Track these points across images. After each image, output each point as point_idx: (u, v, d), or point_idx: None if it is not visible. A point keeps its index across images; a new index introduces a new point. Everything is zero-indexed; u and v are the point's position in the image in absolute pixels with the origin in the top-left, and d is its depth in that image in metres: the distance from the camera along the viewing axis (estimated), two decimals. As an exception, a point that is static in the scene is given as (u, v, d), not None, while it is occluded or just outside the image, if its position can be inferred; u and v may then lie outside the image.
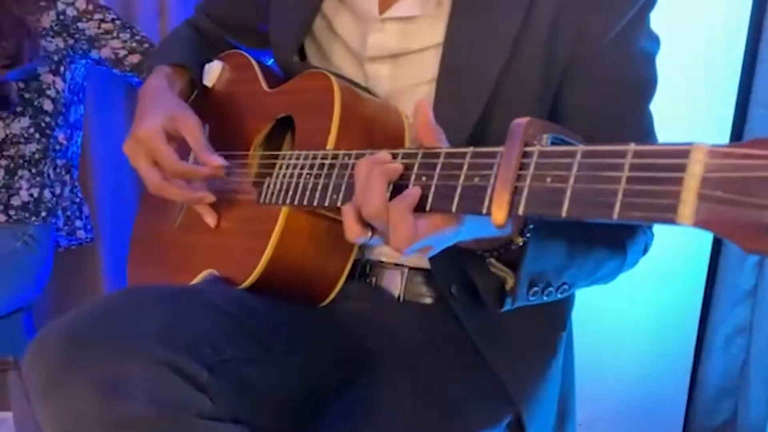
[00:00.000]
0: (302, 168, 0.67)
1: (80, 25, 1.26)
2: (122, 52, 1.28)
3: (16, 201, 1.22)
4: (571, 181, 0.40)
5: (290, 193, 0.67)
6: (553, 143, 0.45)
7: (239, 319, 0.64)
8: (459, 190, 0.48)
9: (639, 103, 0.72)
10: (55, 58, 1.25)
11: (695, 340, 1.45)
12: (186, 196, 0.76)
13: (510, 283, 0.63)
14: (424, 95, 0.71)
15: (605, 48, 0.68)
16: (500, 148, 0.46)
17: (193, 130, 0.74)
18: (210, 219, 0.79)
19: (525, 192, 0.43)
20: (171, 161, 0.73)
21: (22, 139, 1.24)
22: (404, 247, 0.50)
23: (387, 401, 0.69)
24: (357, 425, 0.66)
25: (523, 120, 0.45)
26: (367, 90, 0.76)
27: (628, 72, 0.70)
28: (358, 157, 0.59)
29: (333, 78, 0.71)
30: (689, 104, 1.33)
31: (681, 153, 0.36)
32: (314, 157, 0.66)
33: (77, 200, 1.34)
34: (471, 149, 0.49)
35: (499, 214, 0.44)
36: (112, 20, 1.28)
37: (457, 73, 0.69)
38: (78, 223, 1.33)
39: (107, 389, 0.51)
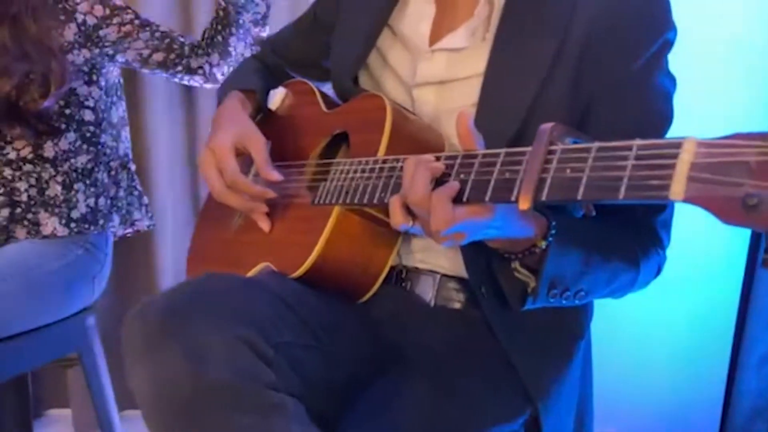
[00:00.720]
0: (354, 172, 0.78)
1: (101, 32, 1.27)
2: (146, 52, 1.30)
3: (75, 214, 1.27)
4: (587, 171, 0.49)
5: (342, 193, 0.78)
6: (574, 144, 0.54)
7: (295, 309, 0.74)
8: (492, 183, 0.58)
9: (654, 135, 0.79)
10: (85, 69, 1.28)
11: (729, 361, 1.49)
12: (243, 204, 0.88)
13: (532, 285, 0.71)
14: (476, 89, 0.80)
15: (625, 81, 0.77)
16: (529, 149, 0.56)
17: (258, 147, 0.87)
18: (264, 225, 0.89)
19: (548, 182, 0.52)
20: (232, 172, 0.85)
21: (71, 153, 1.28)
22: (443, 229, 0.59)
23: (410, 395, 0.76)
24: (381, 416, 0.74)
25: (548, 124, 0.55)
26: (413, 114, 0.86)
27: (645, 105, 0.78)
28: (405, 161, 0.69)
29: (385, 98, 0.82)
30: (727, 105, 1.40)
31: (675, 144, 0.45)
32: (366, 163, 0.76)
33: (136, 193, 1.40)
34: (504, 150, 0.59)
35: (526, 200, 0.53)
36: (131, 21, 1.29)
37: (496, 99, 0.79)
38: (137, 214, 1.39)
39: (194, 356, 0.61)
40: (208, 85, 1.39)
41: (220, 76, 1.37)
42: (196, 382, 0.60)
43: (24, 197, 1.24)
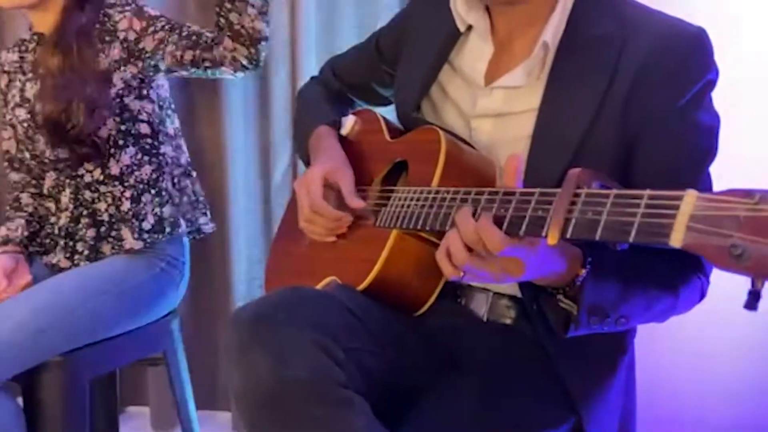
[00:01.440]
0: (411, 200, 0.88)
1: (141, 44, 1.34)
2: (178, 54, 1.34)
3: (146, 225, 1.36)
4: (604, 215, 0.58)
5: (400, 218, 0.88)
6: (600, 188, 0.63)
7: (363, 320, 0.85)
8: (527, 219, 0.67)
9: (696, 168, 0.86)
10: (134, 84, 1.35)
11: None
12: (325, 226, 1.00)
13: (574, 313, 0.80)
14: (519, 149, 0.89)
15: (669, 119, 0.84)
16: (559, 190, 0.65)
17: (346, 181, 1.00)
18: (330, 239, 1.02)
19: (573, 222, 0.61)
20: (317, 200, 0.98)
21: (135, 167, 1.37)
22: (499, 249, 0.67)
23: (463, 401, 0.86)
24: (436, 417, 0.84)
25: (576, 170, 0.64)
26: (469, 143, 0.96)
27: (687, 141, 0.85)
28: (455, 194, 0.80)
29: (441, 132, 0.92)
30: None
31: (678, 197, 0.53)
32: (421, 192, 0.87)
33: (200, 198, 1.49)
34: (538, 190, 0.68)
35: (554, 236, 0.62)
36: (162, 27, 1.34)
37: (549, 134, 0.87)
38: (202, 219, 1.48)
39: (278, 358, 0.73)
40: (240, 74, 1.38)
41: (245, 62, 1.35)
42: (278, 380, 0.72)
43: (105, 216, 1.37)
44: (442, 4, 0.99)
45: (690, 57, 0.84)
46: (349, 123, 1.12)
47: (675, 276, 0.87)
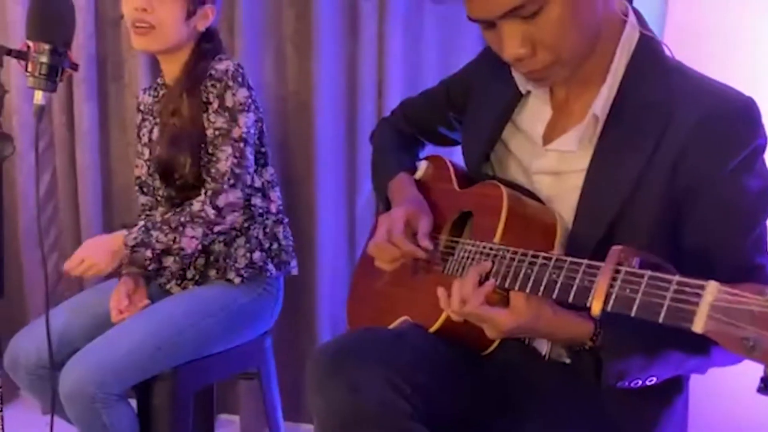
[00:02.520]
0: (475, 253, 0.97)
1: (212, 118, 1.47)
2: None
3: (240, 264, 1.51)
4: (639, 294, 0.66)
5: (465, 271, 0.98)
6: (640, 264, 0.71)
7: (429, 357, 0.96)
8: (574, 288, 0.76)
9: (748, 232, 0.91)
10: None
11: None
12: (393, 255, 1.09)
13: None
14: (573, 201, 0.97)
15: (717, 184, 0.88)
16: (602, 264, 0.73)
17: (424, 223, 1.10)
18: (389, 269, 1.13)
19: (613, 296, 0.69)
20: (397, 233, 1.08)
21: (234, 223, 1.48)
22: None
23: None
24: None
25: (618, 247, 0.72)
26: (531, 193, 1.04)
27: (737, 205, 0.89)
28: (514, 253, 0.89)
29: (504, 189, 1.01)
30: None
31: (702, 287, 0.60)
32: (484, 247, 0.96)
33: (290, 244, 1.61)
34: (585, 261, 0.76)
35: (597, 307, 0.71)
36: (219, 124, 1.45)
37: (595, 194, 0.94)
38: (292, 262, 1.62)
39: (352, 390, 0.85)
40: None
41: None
42: (353, 409, 0.85)
43: (213, 247, 1.53)
44: (506, 66, 1.06)
45: (738, 126, 0.88)
46: (422, 168, 1.24)
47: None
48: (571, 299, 0.76)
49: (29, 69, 1.19)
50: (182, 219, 1.45)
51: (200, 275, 1.55)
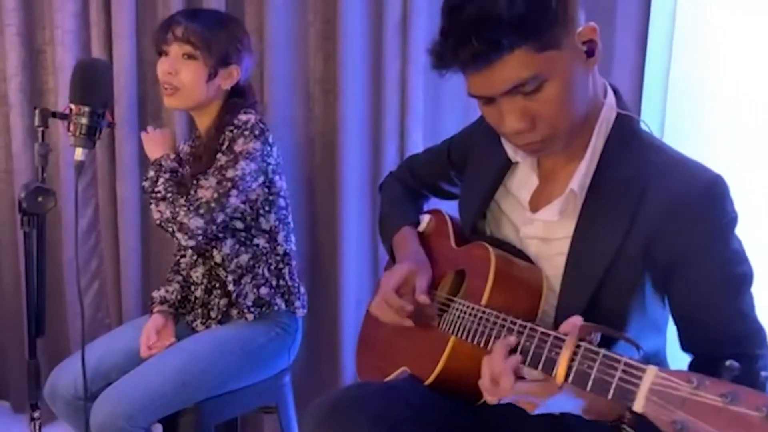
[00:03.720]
0: (464, 313, 1.05)
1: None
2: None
3: (249, 300, 1.62)
4: (594, 371, 0.73)
5: (456, 328, 1.06)
6: (599, 341, 0.78)
7: (422, 411, 1.03)
8: (543, 359, 0.83)
9: (733, 294, 0.96)
10: None
11: None
12: (387, 316, 1.18)
13: None
14: (560, 264, 1.04)
15: (697, 256, 0.94)
16: (567, 337, 0.80)
17: (422, 280, 1.18)
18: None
19: (573, 370, 0.76)
20: (389, 291, 1.17)
21: (234, 255, 1.62)
22: (506, 393, 0.85)
23: None
24: None
25: (579, 323, 0.79)
26: (520, 252, 1.12)
27: (719, 273, 0.95)
28: (497, 317, 0.96)
29: (492, 252, 1.08)
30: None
31: (642, 370, 0.67)
32: (473, 309, 1.04)
33: (296, 286, 1.70)
34: (554, 333, 0.83)
35: (559, 378, 0.78)
36: (216, 169, 1.54)
37: (579, 263, 1.01)
38: (297, 303, 1.69)
39: None
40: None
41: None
42: None
43: (230, 287, 1.64)
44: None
45: (709, 203, 0.94)
46: (425, 221, 1.33)
47: None
48: (540, 368, 0.83)
49: (71, 129, 1.34)
50: (179, 196, 1.56)
51: (223, 315, 1.67)
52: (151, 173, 1.61)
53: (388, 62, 1.91)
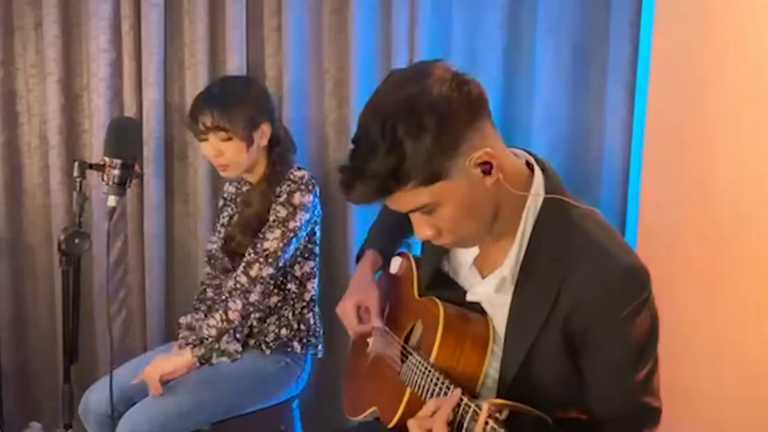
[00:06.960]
0: (416, 366, 1.25)
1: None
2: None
3: (269, 338, 1.93)
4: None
5: (410, 380, 1.27)
6: (507, 417, 1.02)
7: None
8: (464, 427, 1.08)
9: (633, 368, 1.15)
10: None
11: None
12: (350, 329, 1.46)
13: None
14: (504, 322, 1.21)
15: (606, 331, 1.13)
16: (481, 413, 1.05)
17: (374, 308, 1.43)
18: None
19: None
20: (351, 320, 1.45)
21: (265, 296, 1.90)
22: None
23: None
24: None
25: (492, 400, 1.03)
26: (471, 303, 1.27)
27: (624, 347, 1.14)
28: (437, 378, 1.18)
29: (441, 309, 1.25)
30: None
31: None
32: (423, 364, 1.24)
33: (317, 329, 2.00)
34: (474, 405, 1.07)
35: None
36: (271, 228, 1.89)
37: (513, 331, 1.20)
38: (319, 346, 2.02)
39: None
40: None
41: None
42: None
43: (254, 323, 1.96)
44: None
45: (623, 287, 1.11)
46: (395, 264, 1.53)
47: None
48: (462, 432, 1.09)
49: (104, 179, 1.65)
50: (223, 298, 1.86)
51: (244, 345, 1.96)
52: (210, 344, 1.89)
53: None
